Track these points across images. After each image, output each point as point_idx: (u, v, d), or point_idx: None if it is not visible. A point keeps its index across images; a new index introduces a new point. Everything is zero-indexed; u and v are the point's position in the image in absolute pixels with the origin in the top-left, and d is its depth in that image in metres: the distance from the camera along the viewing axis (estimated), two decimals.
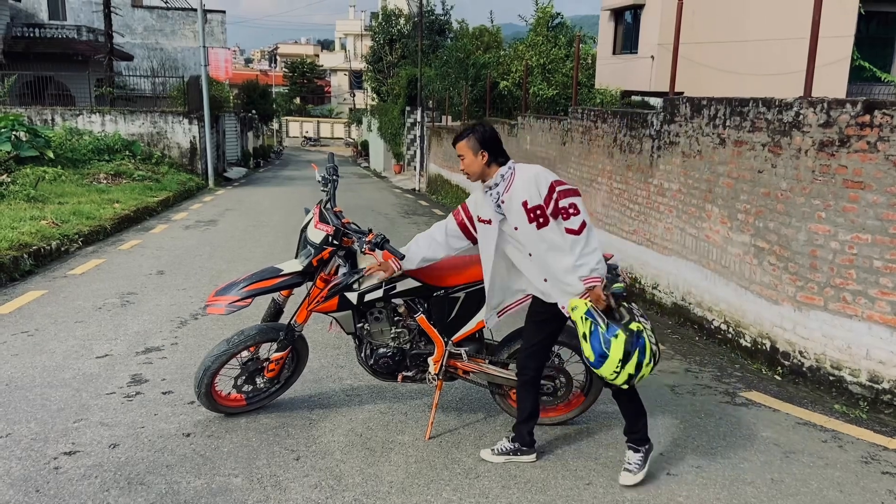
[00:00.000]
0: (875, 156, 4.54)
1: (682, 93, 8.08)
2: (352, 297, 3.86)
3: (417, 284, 3.89)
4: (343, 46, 69.29)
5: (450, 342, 3.90)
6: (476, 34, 23.44)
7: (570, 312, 3.39)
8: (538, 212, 3.36)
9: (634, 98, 17.86)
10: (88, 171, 15.21)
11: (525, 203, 3.37)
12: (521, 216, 3.39)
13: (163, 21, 31.54)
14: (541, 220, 3.37)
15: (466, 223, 3.70)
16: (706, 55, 14.69)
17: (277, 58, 79.03)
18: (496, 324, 3.81)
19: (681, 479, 3.62)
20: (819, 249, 4.88)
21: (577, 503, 3.36)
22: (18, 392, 4.41)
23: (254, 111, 38.93)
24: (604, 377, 3.35)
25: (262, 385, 4.18)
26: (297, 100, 66.05)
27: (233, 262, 8.59)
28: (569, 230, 3.34)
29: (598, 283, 3.34)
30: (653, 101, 16.73)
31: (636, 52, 17.88)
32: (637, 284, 7.44)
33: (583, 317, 3.32)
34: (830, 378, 4.86)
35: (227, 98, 26.20)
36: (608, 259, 3.89)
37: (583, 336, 3.32)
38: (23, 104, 19.65)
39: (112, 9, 23.03)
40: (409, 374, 4.02)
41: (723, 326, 5.94)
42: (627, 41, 18.80)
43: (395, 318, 3.99)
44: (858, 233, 4.65)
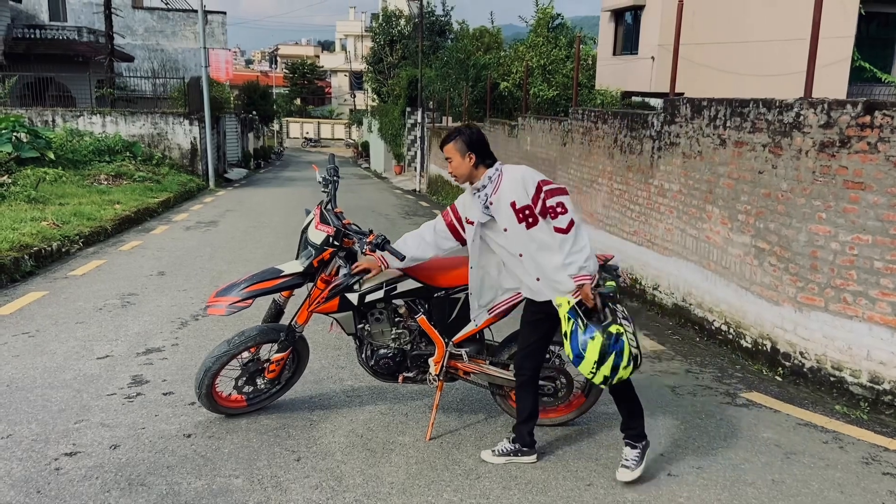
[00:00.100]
0: (876, 156, 4.55)
1: (683, 93, 8.09)
2: (352, 298, 3.86)
3: (418, 285, 3.89)
4: (343, 47, 69.31)
5: (450, 343, 3.90)
6: (476, 35, 23.43)
7: (558, 309, 3.43)
8: (527, 212, 3.40)
9: (635, 99, 17.87)
10: (89, 173, 15.21)
11: (513, 204, 3.40)
12: (511, 217, 3.42)
13: (163, 22, 31.55)
14: (530, 220, 3.40)
15: (455, 224, 3.73)
16: (706, 56, 14.69)
17: (278, 59, 79.10)
18: (484, 319, 3.83)
19: (681, 480, 3.62)
20: (820, 250, 4.88)
21: None
22: (19, 393, 4.41)
23: (254, 112, 38.94)
24: (582, 374, 3.42)
25: (263, 386, 4.19)
26: (298, 101, 66.07)
27: (233, 263, 8.60)
28: (557, 229, 3.37)
29: (588, 281, 3.36)
30: (653, 102, 16.73)
31: (636, 53, 17.87)
32: (638, 285, 7.44)
33: (566, 315, 3.37)
34: (831, 379, 4.86)
35: (228, 99, 26.20)
36: (609, 259, 3.90)
37: (564, 334, 3.39)
38: (23, 105, 19.65)
39: (113, 10, 23.04)
40: (410, 375, 4.02)
41: (723, 327, 5.94)
42: (628, 42, 18.79)
43: (396, 319, 3.99)
44: (859, 234, 4.65)
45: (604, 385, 3.42)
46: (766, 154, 5.36)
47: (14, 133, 14.47)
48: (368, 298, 3.88)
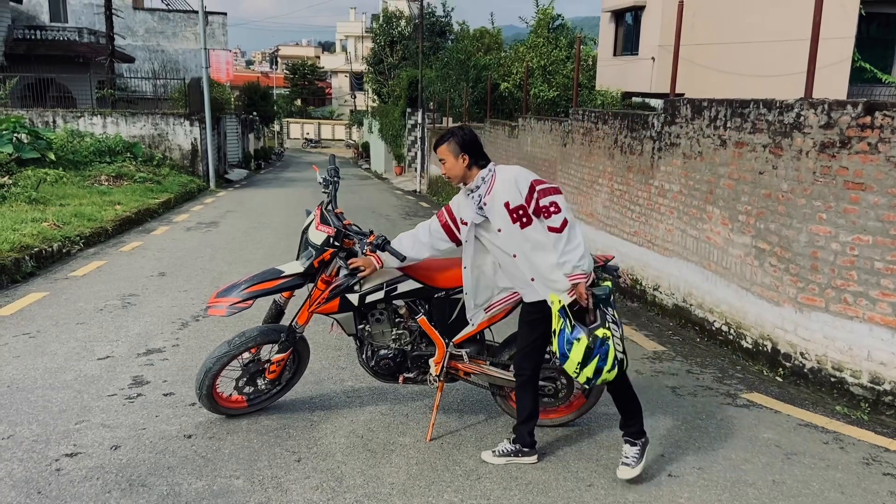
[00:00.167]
0: (876, 157, 4.55)
1: (683, 94, 8.10)
2: (353, 299, 3.87)
3: (418, 286, 3.89)
4: (344, 48, 69.32)
5: (451, 343, 3.90)
6: (477, 36, 23.42)
7: (551, 306, 3.45)
8: (520, 212, 3.42)
9: (635, 99, 17.87)
10: (90, 173, 15.21)
11: (507, 204, 3.42)
12: (504, 217, 3.44)
13: (164, 23, 31.56)
14: (524, 220, 3.42)
15: (450, 224, 3.73)
16: (707, 57, 14.69)
17: (278, 59, 79.14)
18: (482, 318, 3.83)
19: (682, 481, 3.62)
20: (820, 251, 4.88)
21: None
22: (20, 394, 4.42)
23: (255, 113, 38.96)
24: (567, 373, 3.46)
25: (264, 386, 4.19)
26: (298, 101, 66.09)
27: (234, 264, 8.60)
28: (551, 228, 3.39)
29: (582, 280, 3.38)
30: (653, 103, 16.74)
31: (637, 54, 17.87)
32: (638, 286, 7.44)
33: (557, 313, 3.40)
34: (832, 379, 4.86)
35: (229, 100, 26.21)
36: (609, 260, 3.90)
37: (553, 332, 3.44)
38: (24, 106, 19.64)
39: (113, 11, 23.04)
40: (411, 376, 4.02)
41: (724, 328, 5.94)
42: (628, 43, 18.79)
43: (397, 320, 3.99)
44: (859, 234, 4.65)
45: (587, 385, 3.47)
46: (767, 155, 5.36)
47: (15, 134, 14.48)
48: (369, 299, 3.88)
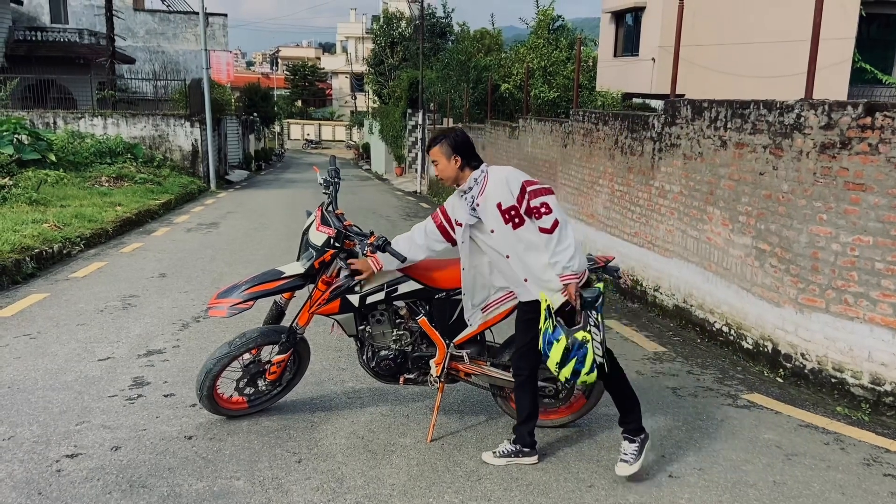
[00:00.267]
0: (876, 158, 4.54)
1: (683, 95, 8.10)
2: (353, 300, 3.87)
3: (419, 287, 3.90)
4: (344, 49, 69.37)
5: (451, 344, 3.90)
6: (477, 37, 23.40)
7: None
8: (513, 212, 3.44)
9: (636, 100, 17.86)
10: (90, 175, 15.22)
11: (499, 205, 3.44)
12: (497, 218, 3.46)
13: (164, 24, 31.57)
14: (516, 221, 3.44)
15: (445, 225, 3.76)
16: (707, 57, 14.68)
17: (279, 61, 79.21)
18: (479, 319, 3.83)
19: (683, 482, 3.61)
20: (820, 251, 4.88)
21: None
22: (20, 395, 4.42)
23: (255, 114, 38.98)
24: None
25: (264, 387, 4.19)
26: (299, 102, 66.13)
27: (234, 265, 8.60)
28: (542, 229, 3.41)
29: (573, 280, 3.40)
30: (654, 104, 16.74)
31: (637, 55, 17.87)
32: (639, 287, 7.44)
33: (543, 312, 3.44)
34: (832, 380, 4.86)
35: (229, 101, 26.20)
36: (610, 261, 3.90)
37: (539, 329, 3.47)
38: (25, 107, 19.66)
39: (114, 12, 23.04)
40: (411, 377, 4.02)
41: (724, 329, 5.94)
42: (628, 44, 18.78)
43: (397, 321, 4.00)
44: (860, 235, 4.65)
45: (568, 384, 3.50)
46: (767, 155, 5.36)
47: (15, 135, 14.49)
48: (369, 300, 3.88)
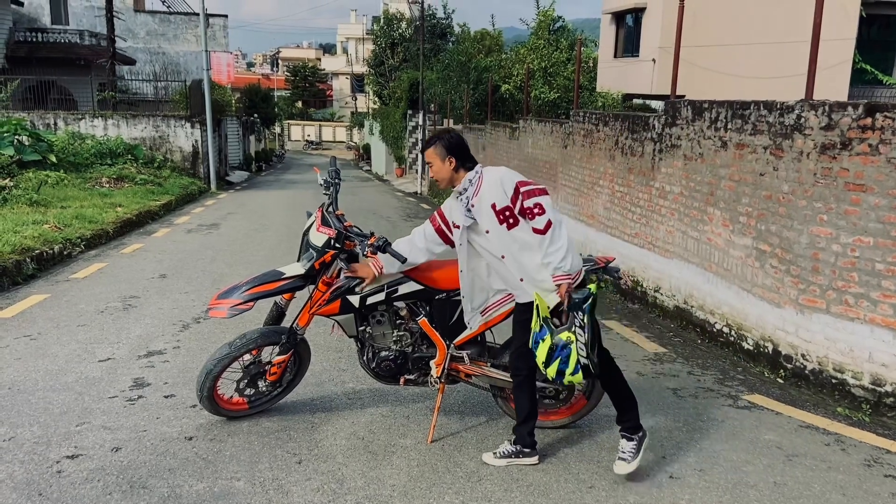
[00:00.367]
0: (877, 158, 4.54)
1: (684, 96, 8.09)
2: (354, 301, 3.87)
3: (419, 288, 3.90)
4: (345, 50, 69.40)
5: (452, 345, 3.90)
6: (477, 38, 23.41)
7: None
8: (507, 213, 3.45)
9: (636, 101, 17.87)
10: (91, 175, 15.22)
11: (494, 205, 3.46)
12: (492, 218, 3.47)
13: (165, 25, 31.59)
14: (510, 221, 3.46)
15: (443, 228, 3.77)
16: (708, 58, 14.69)
17: (279, 62, 79.29)
18: (479, 322, 3.83)
19: (683, 482, 3.61)
20: (821, 252, 4.87)
21: None
22: (21, 396, 4.42)
23: (256, 115, 39.00)
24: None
25: (265, 388, 4.19)
26: (299, 103, 66.18)
27: (235, 266, 8.60)
28: (535, 230, 3.43)
29: (566, 281, 3.41)
30: (654, 105, 16.74)
31: (637, 56, 17.87)
32: (639, 287, 7.44)
33: (534, 311, 3.47)
34: (833, 381, 4.86)
35: (230, 102, 26.22)
36: (610, 262, 3.90)
37: (531, 327, 3.49)
38: (26, 108, 19.66)
39: (114, 13, 23.05)
40: (412, 378, 4.02)
41: (725, 329, 5.94)
42: (629, 44, 18.79)
43: (398, 322, 4.00)
44: (860, 235, 4.65)
45: (555, 383, 3.54)
46: (768, 156, 5.36)
47: (16, 136, 14.49)
48: (370, 301, 3.88)
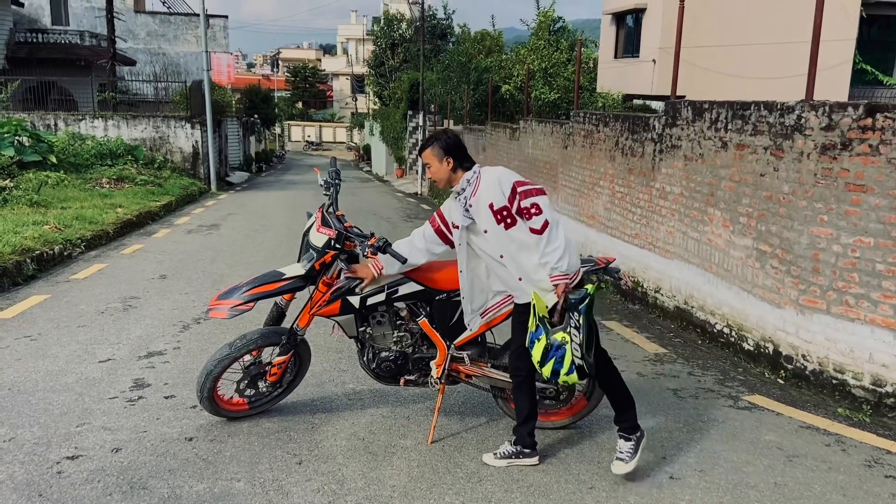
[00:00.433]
0: (877, 159, 4.54)
1: (684, 96, 8.09)
2: (354, 301, 3.87)
3: (419, 288, 3.89)
4: (345, 51, 69.41)
5: (452, 346, 3.90)
6: (478, 38, 23.42)
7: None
8: (504, 213, 3.46)
9: (636, 102, 17.87)
10: (91, 176, 15.22)
11: (491, 205, 3.47)
12: (489, 218, 3.47)
13: (165, 26, 31.60)
14: (508, 221, 3.46)
15: (443, 229, 3.77)
16: (708, 59, 14.69)
17: (280, 62, 79.32)
18: (479, 324, 3.83)
19: (684, 483, 3.61)
20: (821, 253, 4.87)
21: None
22: (21, 396, 4.42)
23: (256, 116, 39.00)
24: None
25: (265, 389, 4.19)
26: (300, 104, 66.19)
27: (235, 266, 8.60)
28: (532, 230, 3.43)
29: (562, 281, 3.41)
30: (655, 105, 16.75)
31: (638, 56, 17.87)
32: (640, 288, 7.44)
33: (532, 310, 3.46)
34: (833, 382, 4.85)
35: (230, 103, 26.23)
36: (611, 262, 3.90)
37: (528, 327, 3.49)
38: (26, 109, 19.66)
39: (115, 14, 23.06)
40: (412, 378, 4.02)
41: (725, 330, 5.94)
42: (629, 45, 18.79)
43: (398, 322, 4.00)
44: (861, 236, 4.65)
45: (550, 383, 3.54)
46: (768, 157, 5.36)
47: (16, 137, 14.50)
48: (370, 301, 3.88)
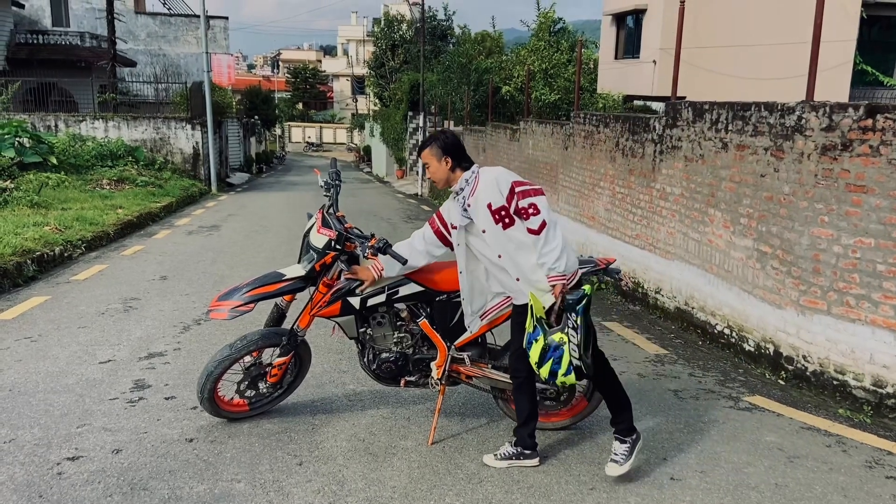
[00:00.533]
0: (878, 160, 4.54)
1: (685, 97, 8.09)
2: (354, 302, 3.87)
3: (420, 289, 3.89)
4: (345, 52, 69.45)
5: (452, 347, 3.90)
6: (478, 39, 23.45)
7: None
8: (503, 212, 3.46)
9: (637, 103, 17.87)
10: (91, 177, 15.23)
11: (490, 205, 3.46)
12: (488, 218, 3.47)
13: (166, 27, 31.61)
14: (506, 221, 3.46)
15: (442, 230, 3.77)
16: (708, 59, 14.69)
17: (280, 63, 79.35)
18: (479, 325, 3.83)
19: (684, 484, 3.61)
20: (822, 253, 4.87)
21: None
22: (21, 397, 4.42)
23: (256, 117, 39.02)
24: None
25: (265, 390, 4.18)
26: (300, 105, 66.22)
27: (235, 268, 8.60)
28: (529, 230, 3.43)
29: (560, 281, 3.41)
30: (655, 106, 16.74)
31: (638, 57, 17.88)
32: (640, 289, 7.44)
33: (529, 311, 3.46)
34: (834, 382, 4.85)
35: (230, 104, 26.22)
36: (611, 263, 3.90)
37: (526, 326, 3.48)
38: (26, 110, 19.67)
39: (115, 15, 23.06)
40: (412, 379, 4.02)
41: (726, 331, 5.93)
42: (629, 46, 18.80)
43: (398, 323, 3.99)
44: (861, 237, 4.65)
45: (548, 384, 3.53)
46: (768, 157, 5.35)
47: (17, 138, 14.50)
48: (370, 302, 3.88)
